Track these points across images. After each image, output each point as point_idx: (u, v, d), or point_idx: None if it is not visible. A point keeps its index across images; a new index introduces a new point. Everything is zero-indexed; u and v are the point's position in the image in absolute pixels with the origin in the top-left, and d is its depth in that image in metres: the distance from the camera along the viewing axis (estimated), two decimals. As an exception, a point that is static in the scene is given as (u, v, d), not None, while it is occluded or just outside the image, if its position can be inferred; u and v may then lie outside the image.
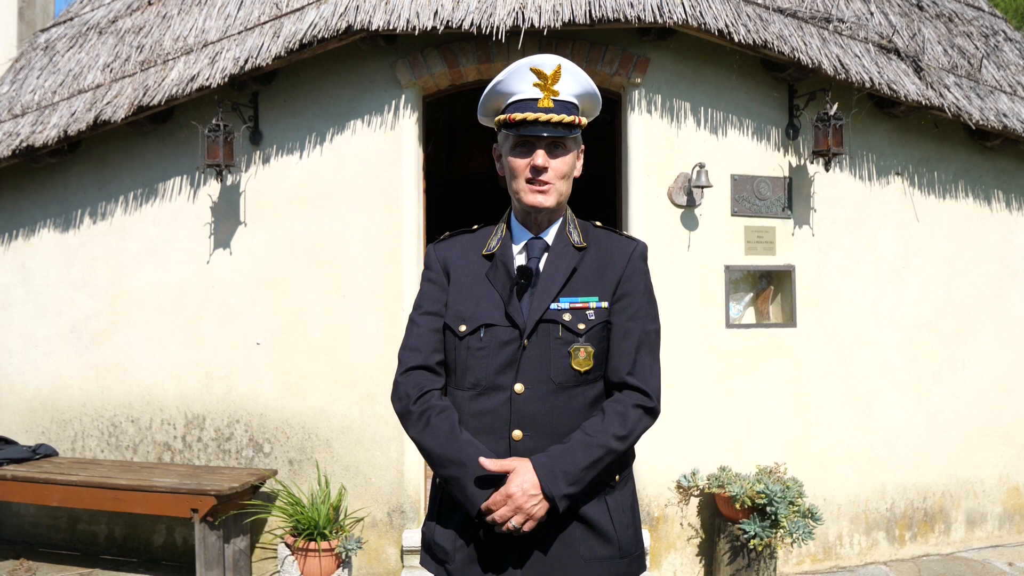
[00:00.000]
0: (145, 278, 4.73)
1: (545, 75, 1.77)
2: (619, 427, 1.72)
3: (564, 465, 1.67)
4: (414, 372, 1.82)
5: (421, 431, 1.76)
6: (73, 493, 4.21)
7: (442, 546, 1.79)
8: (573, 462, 1.67)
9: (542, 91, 1.77)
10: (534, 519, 1.66)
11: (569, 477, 1.66)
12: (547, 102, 1.76)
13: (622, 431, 1.72)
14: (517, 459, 1.70)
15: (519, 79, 1.79)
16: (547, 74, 1.77)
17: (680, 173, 4.38)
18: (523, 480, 1.65)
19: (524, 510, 1.64)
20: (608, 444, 1.70)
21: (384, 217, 4.37)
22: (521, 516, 1.65)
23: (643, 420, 1.77)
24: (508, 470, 1.67)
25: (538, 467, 1.67)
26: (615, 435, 1.71)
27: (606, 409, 1.75)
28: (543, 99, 1.76)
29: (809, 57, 4.22)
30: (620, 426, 1.72)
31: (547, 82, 1.77)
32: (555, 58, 1.79)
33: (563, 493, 1.66)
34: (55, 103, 4.91)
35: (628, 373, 1.77)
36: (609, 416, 1.73)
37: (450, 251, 1.92)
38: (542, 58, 1.79)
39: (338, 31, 4.04)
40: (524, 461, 1.68)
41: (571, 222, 1.89)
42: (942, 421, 4.87)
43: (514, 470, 1.67)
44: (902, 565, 4.67)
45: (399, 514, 4.34)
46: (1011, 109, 4.89)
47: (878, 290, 4.74)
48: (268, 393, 4.51)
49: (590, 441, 1.69)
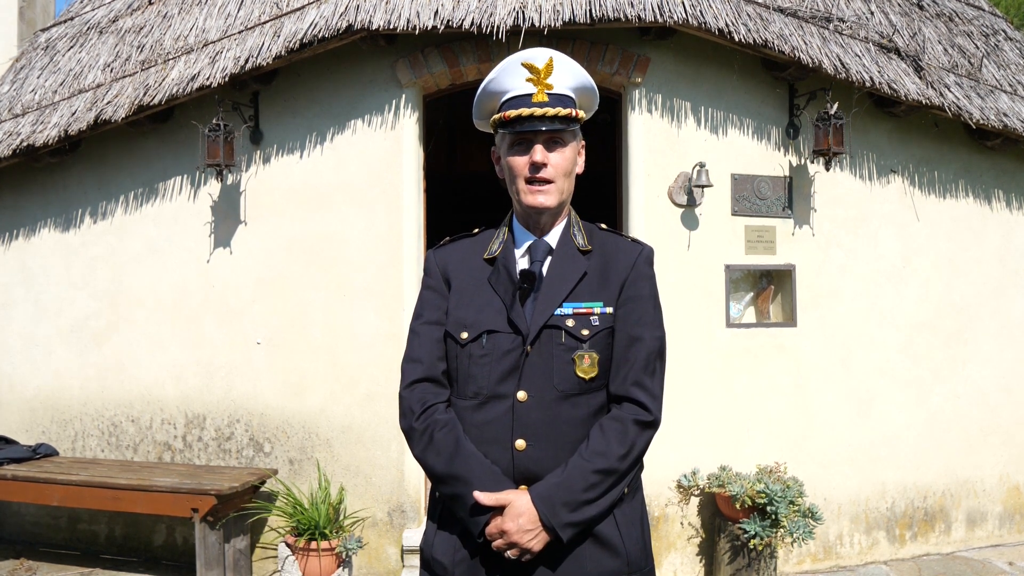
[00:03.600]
0: (145, 278, 4.73)
1: (537, 69, 1.71)
2: (619, 446, 1.66)
3: (563, 495, 1.62)
4: (418, 385, 1.77)
5: (424, 448, 1.72)
6: (73, 493, 4.21)
7: (440, 562, 1.73)
8: (571, 490, 1.62)
9: (535, 85, 1.71)
10: (532, 552, 1.62)
11: (570, 506, 1.61)
12: (541, 96, 1.70)
13: (622, 449, 1.66)
14: (512, 492, 1.64)
15: (511, 76, 1.73)
16: (539, 68, 1.71)
17: (680, 173, 4.38)
18: (518, 515, 1.61)
19: (520, 545, 1.61)
20: (607, 466, 1.64)
21: (384, 217, 4.37)
22: (517, 550, 1.61)
23: (643, 435, 1.70)
24: (503, 504, 1.63)
25: (536, 499, 1.62)
26: (617, 455, 1.65)
27: (605, 427, 1.69)
28: (537, 93, 1.70)
29: (809, 56, 4.22)
30: (620, 444, 1.66)
31: (540, 76, 1.71)
32: (546, 51, 1.73)
33: (565, 522, 1.61)
34: (56, 103, 4.91)
35: (632, 384, 1.71)
36: (608, 434, 1.67)
37: (450, 256, 1.86)
38: (533, 52, 1.74)
39: (338, 31, 4.04)
40: (521, 494, 1.64)
41: (575, 224, 1.83)
42: (942, 421, 4.87)
43: (509, 504, 1.62)
44: (902, 565, 4.66)
45: (399, 514, 4.34)
46: (1011, 108, 4.89)
47: (878, 290, 4.74)
48: (268, 393, 4.50)
49: (587, 466, 1.64)
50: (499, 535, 1.62)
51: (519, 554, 1.62)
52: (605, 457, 1.65)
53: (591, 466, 1.64)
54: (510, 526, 1.61)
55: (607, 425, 1.69)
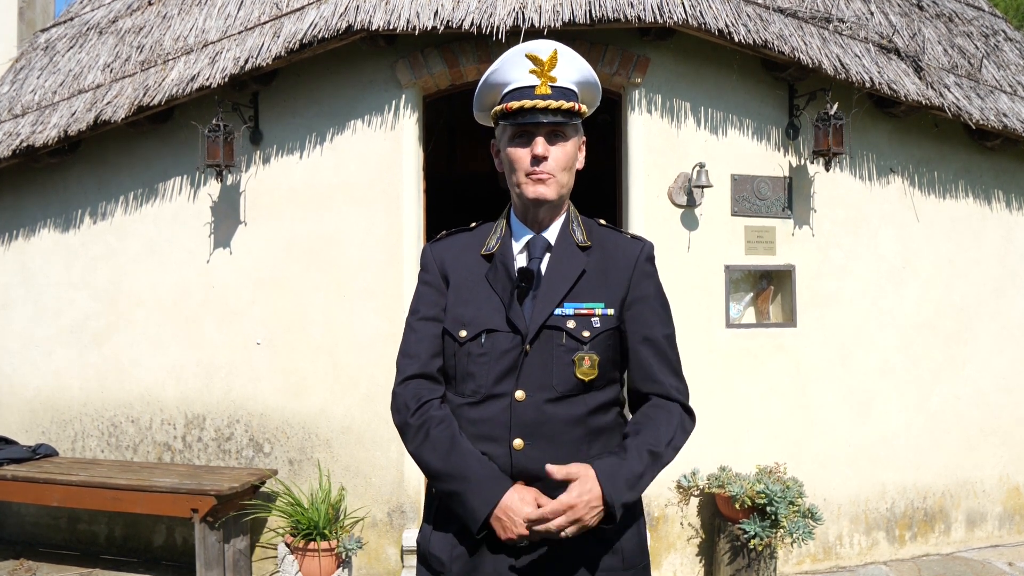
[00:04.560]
0: (145, 278, 4.73)
1: (541, 61, 1.69)
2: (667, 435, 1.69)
3: (626, 473, 1.61)
4: (412, 381, 1.76)
5: (419, 445, 1.71)
6: (73, 493, 4.21)
7: (438, 557, 1.71)
8: (632, 471, 1.62)
9: (539, 77, 1.69)
10: (586, 528, 1.59)
11: (629, 484, 1.61)
12: (544, 88, 1.68)
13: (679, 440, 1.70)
14: (580, 465, 1.60)
15: (514, 67, 1.71)
16: (543, 60, 1.69)
17: (680, 173, 4.38)
18: (586, 490, 1.57)
19: (583, 520, 1.56)
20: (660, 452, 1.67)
21: (384, 217, 4.37)
22: (577, 526, 1.57)
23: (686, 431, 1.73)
24: (573, 478, 1.58)
25: (601, 475, 1.59)
26: (673, 445, 1.69)
27: (654, 416, 1.71)
28: (540, 85, 1.68)
29: (809, 57, 4.22)
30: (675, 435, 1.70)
31: (543, 68, 1.69)
32: (550, 43, 1.71)
33: (623, 501, 1.60)
34: (55, 103, 4.91)
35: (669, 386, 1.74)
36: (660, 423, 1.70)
37: (447, 251, 1.83)
38: (537, 44, 1.70)
39: (338, 31, 4.04)
40: (587, 468, 1.60)
41: (574, 219, 1.80)
42: (942, 421, 4.87)
43: (578, 479, 1.58)
44: (902, 565, 4.66)
45: (399, 514, 4.34)
46: (1011, 109, 4.89)
47: (878, 290, 4.74)
48: (268, 393, 4.51)
49: (646, 449, 1.65)
50: (563, 511, 1.55)
51: (575, 531, 1.57)
52: (659, 443, 1.67)
53: (649, 449, 1.65)
54: (577, 501, 1.55)
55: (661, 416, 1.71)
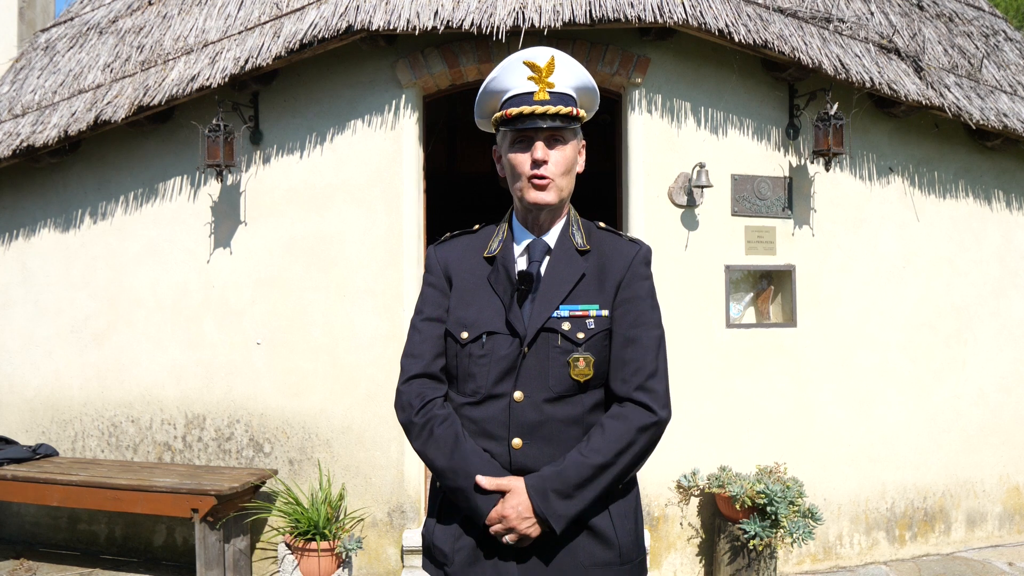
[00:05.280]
0: (145, 278, 4.73)
1: (539, 67, 1.73)
2: (617, 443, 1.68)
3: (556, 486, 1.66)
4: (416, 380, 1.81)
5: (425, 442, 1.76)
6: (73, 493, 4.21)
7: (441, 548, 1.77)
8: (566, 483, 1.66)
9: (537, 84, 1.73)
10: (530, 537, 1.67)
11: (561, 496, 1.65)
12: (543, 94, 1.72)
13: (619, 446, 1.68)
14: (513, 479, 1.69)
15: (512, 74, 1.75)
16: (541, 66, 1.73)
17: (680, 173, 4.38)
18: (517, 502, 1.66)
19: (518, 531, 1.66)
20: (603, 461, 1.67)
21: (384, 217, 4.37)
22: (515, 535, 1.67)
23: (644, 434, 1.72)
24: (504, 489, 1.68)
25: (530, 489, 1.66)
26: (614, 451, 1.68)
27: (606, 425, 1.71)
28: (538, 92, 1.73)
29: (809, 57, 4.22)
30: (618, 442, 1.68)
31: (541, 74, 1.73)
32: (548, 50, 1.75)
33: (557, 514, 1.65)
34: (55, 103, 4.91)
35: (635, 387, 1.73)
36: (609, 432, 1.70)
37: (451, 253, 1.88)
38: (534, 51, 1.75)
39: (338, 31, 4.04)
40: (519, 481, 1.68)
41: (574, 223, 1.84)
42: (942, 421, 4.87)
43: (509, 491, 1.67)
44: (902, 565, 4.66)
45: (399, 514, 4.34)
46: (1011, 109, 4.89)
47: (878, 290, 4.74)
48: (268, 393, 4.51)
49: (584, 461, 1.67)
50: (499, 520, 1.67)
51: (517, 539, 1.67)
52: (601, 453, 1.68)
53: (588, 461, 1.67)
54: (510, 512, 1.66)
55: (609, 423, 1.72)
